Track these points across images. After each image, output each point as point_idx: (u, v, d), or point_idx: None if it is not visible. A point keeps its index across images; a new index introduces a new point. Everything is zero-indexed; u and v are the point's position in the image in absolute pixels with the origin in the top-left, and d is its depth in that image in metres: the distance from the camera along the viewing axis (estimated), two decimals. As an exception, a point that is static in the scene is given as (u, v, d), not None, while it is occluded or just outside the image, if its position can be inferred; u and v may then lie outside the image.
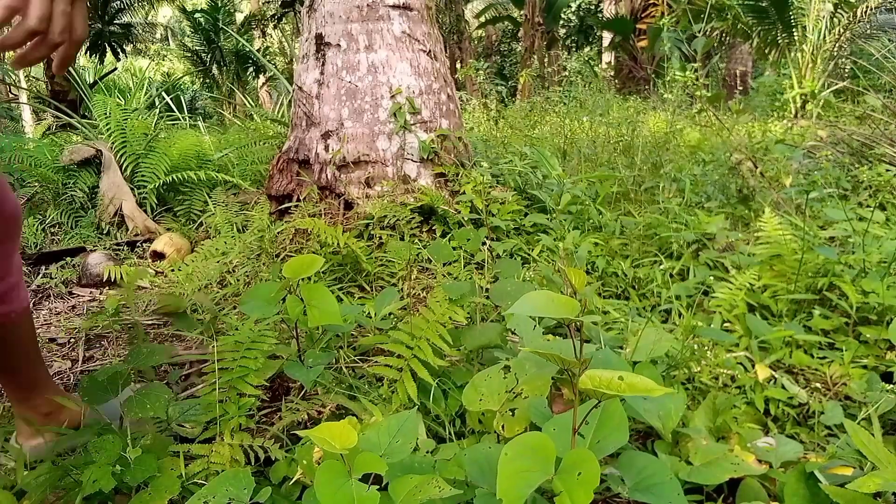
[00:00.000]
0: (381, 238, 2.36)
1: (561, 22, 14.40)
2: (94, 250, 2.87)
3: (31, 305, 2.37)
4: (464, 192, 2.47)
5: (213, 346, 1.17)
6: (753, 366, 1.50)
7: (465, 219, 2.41)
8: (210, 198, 3.35)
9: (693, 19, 5.37)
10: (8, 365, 1.19)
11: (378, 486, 0.80)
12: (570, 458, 0.78)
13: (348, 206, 2.57)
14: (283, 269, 1.18)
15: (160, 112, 5.77)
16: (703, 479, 1.03)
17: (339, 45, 2.61)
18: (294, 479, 1.01)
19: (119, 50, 13.55)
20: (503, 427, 1.04)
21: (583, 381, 0.77)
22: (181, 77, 14.33)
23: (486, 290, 1.65)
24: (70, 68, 6.58)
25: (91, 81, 9.01)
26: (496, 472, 0.76)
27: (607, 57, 12.53)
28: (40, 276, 2.70)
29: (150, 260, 2.81)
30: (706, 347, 1.47)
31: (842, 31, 6.63)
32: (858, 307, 1.66)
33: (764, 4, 6.96)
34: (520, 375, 1.08)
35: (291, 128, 2.79)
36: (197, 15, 14.08)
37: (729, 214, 2.59)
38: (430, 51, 2.71)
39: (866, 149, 3.27)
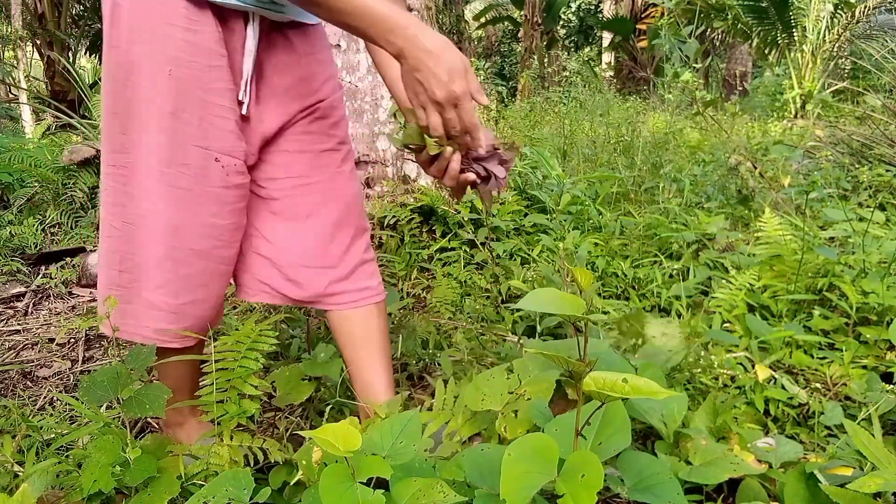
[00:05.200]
0: (381, 238, 2.37)
1: (561, 22, 14.39)
2: (94, 250, 2.86)
3: (31, 305, 2.37)
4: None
5: (212, 347, 1.16)
6: (753, 366, 1.50)
7: (465, 219, 2.41)
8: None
9: (691, 20, 5.37)
10: None
11: (380, 488, 0.80)
12: (573, 459, 0.78)
13: (348, 206, 2.56)
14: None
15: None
16: (703, 479, 1.02)
17: (338, 45, 2.60)
18: (294, 480, 1.01)
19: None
20: (505, 428, 1.04)
21: (586, 384, 0.77)
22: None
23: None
24: (70, 68, 6.52)
25: (91, 81, 8.99)
26: (495, 473, 0.75)
27: (607, 57, 12.52)
28: (40, 276, 2.70)
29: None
30: (706, 348, 1.47)
31: (841, 31, 6.63)
32: (858, 307, 1.66)
33: (764, 4, 6.95)
34: (523, 377, 1.08)
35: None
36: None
37: (729, 215, 2.58)
38: (430, 51, 2.71)
39: (866, 149, 3.27)
